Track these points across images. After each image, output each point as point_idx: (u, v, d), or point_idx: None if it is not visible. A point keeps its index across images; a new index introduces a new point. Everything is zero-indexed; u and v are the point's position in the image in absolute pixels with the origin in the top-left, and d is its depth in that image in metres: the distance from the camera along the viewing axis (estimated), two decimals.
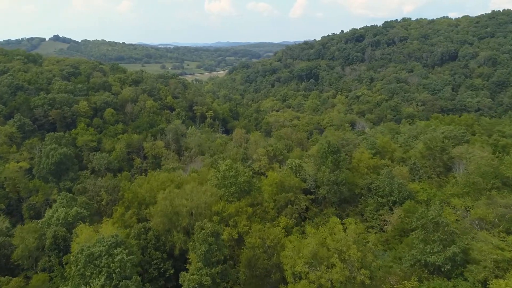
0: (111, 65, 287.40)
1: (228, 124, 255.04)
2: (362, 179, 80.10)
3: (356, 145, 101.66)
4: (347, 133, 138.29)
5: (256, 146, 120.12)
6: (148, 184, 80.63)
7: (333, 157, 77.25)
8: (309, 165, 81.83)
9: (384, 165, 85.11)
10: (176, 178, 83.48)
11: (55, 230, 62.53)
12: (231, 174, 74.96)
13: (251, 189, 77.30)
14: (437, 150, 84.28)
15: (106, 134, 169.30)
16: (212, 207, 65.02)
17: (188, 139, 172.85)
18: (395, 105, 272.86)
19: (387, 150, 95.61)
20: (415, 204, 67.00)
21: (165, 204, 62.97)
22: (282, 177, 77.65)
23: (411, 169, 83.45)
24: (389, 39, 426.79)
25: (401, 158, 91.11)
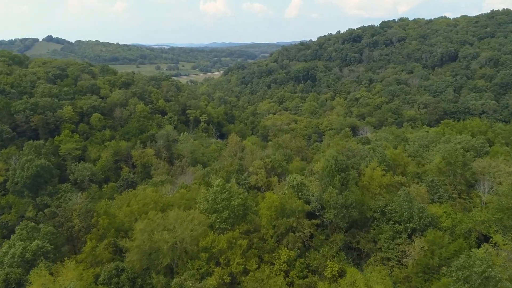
0: (101, 66, 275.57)
1: (223, 128, 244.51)
2: (374, 200, 69.82)
3: (364, 157, 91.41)
4: (350, 141, 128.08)
5: (253, 156, 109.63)
6: (128, 207, 69.84)
7: (341, 176, 66.91)
8: (313, 184, 71.51)
9: (399, 183, 74.86)
10: (161, 199, 72.71)
11: (7, 272, 51.71)
12: (223, 197, 64.50)
13: (246, 213, 66.88)
14: (458, 165, 74.28)
15: (92, 141, 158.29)
16: (200, 242, 54.45)
17: (180, 146, 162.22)
18: (396, 107, 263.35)
19: (399, 163, 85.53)
20: (440, 235, 56.79)
21: (143, 238, 52.37)
22: (282, 199, 67.28)
23: (428, 187, 73.32)
24: (387, 40, 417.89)
25: (415, 174, 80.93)
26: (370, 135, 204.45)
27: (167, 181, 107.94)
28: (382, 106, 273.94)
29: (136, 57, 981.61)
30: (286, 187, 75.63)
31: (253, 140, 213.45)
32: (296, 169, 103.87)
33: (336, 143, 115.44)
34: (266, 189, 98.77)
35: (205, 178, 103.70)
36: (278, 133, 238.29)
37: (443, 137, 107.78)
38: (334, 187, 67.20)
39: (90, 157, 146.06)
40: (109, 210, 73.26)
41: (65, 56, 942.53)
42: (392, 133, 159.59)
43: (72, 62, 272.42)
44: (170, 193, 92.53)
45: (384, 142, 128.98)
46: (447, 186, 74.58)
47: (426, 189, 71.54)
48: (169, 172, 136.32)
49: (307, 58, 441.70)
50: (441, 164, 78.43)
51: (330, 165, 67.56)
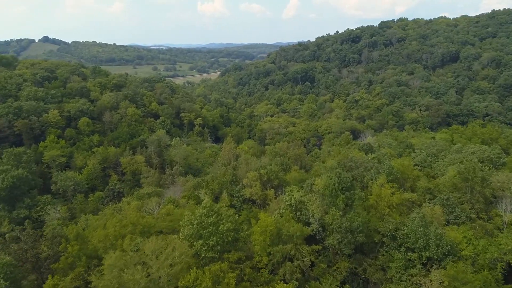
0: (93, 68, 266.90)
1: (219, 131, 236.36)
2: (382, 222, 61.61)
3: (368, 169, 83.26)
4: (352, 148, 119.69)
5: (247, 166, 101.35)
6: (104, 230, 61.39)
7: (345, 196, 58.67)
8: (314, 203, 63.26)
9: (410, 201, 66.70)
10: (141, 220, 64.25)
11: None
12: (210, 221, 56.16)
13: (237, 238, 58.56)
14: (476, 181, 66.22)
15: (79, 147, 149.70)
16: (180, 280, 46.08)
17: (172, 151, 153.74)
18: (397, 110, 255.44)
19: (408, 176, 77.43)
20: (463, 269, 48.65)
21: (112, 277, 44.02)
22: (278, 222, 58.98)
23: (443, 206, 65.17)
24: (386, 40, 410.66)
25: (426, 189, 72.79)
26: (371, 139, 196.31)
27: (154, 194, 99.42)
28: (382, 108, 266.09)
29: (133, 58, 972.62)
30: (283, 206, 67.36)
31: (250, 144, 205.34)
32: (294, 180, 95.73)
33: (337, 152, 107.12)
34: (261, 203, 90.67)
35: (195, 191, 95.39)
36: (275, 136, 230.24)
37: (454, 146, 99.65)
38: (337, 209, 58.96)
39: (76, 164, 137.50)
40: (82, 233, 64.83)
41: (61, 57, 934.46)
42: (396, 138, 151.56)
43: (63, 64, 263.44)
44: (156, 208, 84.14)
45: (388, 150, 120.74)
46: (464, 205, 66.38)
47: (441, 209, 63.25)
48: (159, 181, 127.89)
49: (305, 59, 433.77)
50: (456, 179, 70.30)
51: (333, 183, 59.30)
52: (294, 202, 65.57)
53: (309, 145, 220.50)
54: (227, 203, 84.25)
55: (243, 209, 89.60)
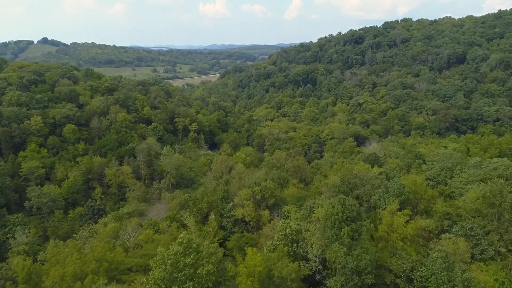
0: (85, 70, 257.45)
1: (216, 137, 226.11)
2: (395, 258, 51.12)
3: (375, 187, 72.70)
4: (356, 159, 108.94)
5: (240, 181, 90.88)
6: (62, 269, 50.95)
7: (350, 228, 48.18)
8: (314, 235, 52.71)
9: (426, 230, 56.13)
10: (108, 256, 53.83)
11: None
12: (187, 262, 45.72)
13: (220, 281, 48.06)
14: (506, 208, 55.72)
15: (62, 157, 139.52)
16: None
17: (163, 161, 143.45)
18: (403, 114, 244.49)
19: (421, 196, 66.94)
20: None
21: None
22: (270, 261, 48.53)
23: (466, 236, 54.64)
24: (390, 41, 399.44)
25: (445, 214, 62.18)
26: (376, 146, 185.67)
27: (136, 213, 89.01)
28: (387, 112, 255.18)
29: (133, 59, 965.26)
30: (276, 236, 56.85)
31: (248, 151, 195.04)
32: (292, 197, 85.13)
33: (340, 165, 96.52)
34: (255, 224, 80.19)
35: (181, 210, 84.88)
36: (275, 142, 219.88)
37: (472, 160, 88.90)
38: (341, 243, 48.45)
39: (56, 177, 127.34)
40: (38, 269, 54.46)
41: (59, 58, 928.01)
42: (403, 147, 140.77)
43: (55, 66, 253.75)
44: (134, 232, 73.79)
45: (396, 161, 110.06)
46: (490, 236, 55.78)
47: (464, 241, 52.61)
48: (145, 196, 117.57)
49: (307, 61, 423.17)
50: (479, 202, 59.79)
51: (336, 212, 48.78)
52: (290, 232, 55.07)
53: (310, 152, 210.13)
54: (214, 227, 73.81)
55: (234, 231, 79.27)
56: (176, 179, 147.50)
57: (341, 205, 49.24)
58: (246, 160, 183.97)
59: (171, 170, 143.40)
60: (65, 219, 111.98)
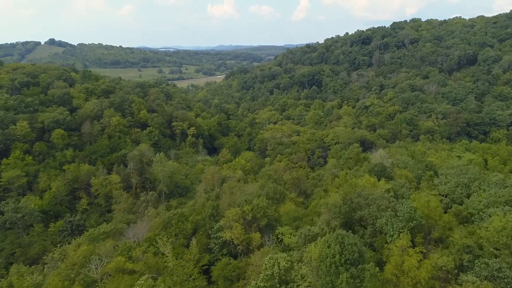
0: (83, 72, 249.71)
1: (216, 141, 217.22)
2: None
3: (382, 208, 63.21)
4: (361, 170, 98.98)
5: (231, 197, 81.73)
6: None
7: (350, 273, 38.82)
8: (306, 281, 43.34)
9: (444, 270, 46.49)
10: None
11: None
12: None
13: None
14: None
15: (48, 164, 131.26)
16: None
17: (155, 169, 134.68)
18: (411, 117, 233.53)
19: (436, 222, 57.28)
20: None
21: None
22: None
23: (492, 279, 45.03)
24: (398, 42, 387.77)
25: (465, 247, 52.50)
26: (383, 153, 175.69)
27: (113, 233, 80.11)
28: (395, 115, 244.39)
29: (139, 60, 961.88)
30: (261, 276, 47.51)
31: (248, 156, 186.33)
32: (288, 217, 75.85)
33: (343, 178, 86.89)
34: (244, 248, 71.07)
35: (163, 231, 75.92)
36: (277, 147, 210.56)
37: (494, 177, 78.78)
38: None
39: (38, 187, 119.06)
40: None
41: (65, 59, 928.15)
42: (412, 155, 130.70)
43: (53, 67, 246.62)
44: (107, 258, 64.96)
45: (405, 172, 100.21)
46: None
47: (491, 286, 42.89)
48: (133, 208, 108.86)
49: (313, 62, 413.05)
50: (506, 234, 50.02)
51: (332, 253, 39.41)
52: (278, 271, 45.74)
53: (314, 158, 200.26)
54: (195, 254, 64.61)
55: (220, 256, 70.20)
56: (170, 188, 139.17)
57: (339, 244, 40.01)
58: (246, 166, 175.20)
59: (163, 179, 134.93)
60: (46, 233, 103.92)
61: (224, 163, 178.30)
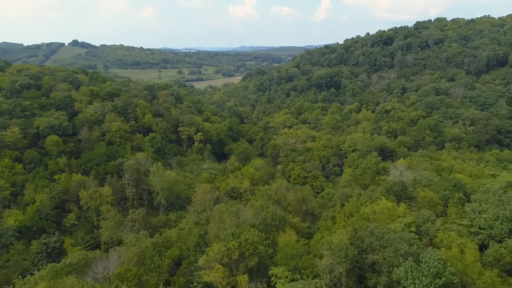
0: (91, 73, 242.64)
1: (226, 146, 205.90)
2: None
3: (400, 253, 50.05)
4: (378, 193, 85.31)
5: (220, 225, 69.70)
6: None
7: None
8: None
9: None
10: None
11: None
12: None
13: None
14: None
15: (38, 174, 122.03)
16: None
17: (153, 180, 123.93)
18: (435, 123, 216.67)
19: (474, 281, 43.83)
20: None
21: None
22: None
23: None
24: (422, 42, 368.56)
25: None
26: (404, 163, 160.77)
27: (80, 265, 69.08)
28: (417, 121, 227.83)
29: (159, 61, 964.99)
30: None
31: (258, 164, 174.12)
32: (285, 254, 63.14)
33: (354, 205, 73.69)
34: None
35: (135, 267, 64.47)
36: (290, 154, 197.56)
37: None
38: None
39: (23, 199, 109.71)
40: None
41: (87, 60, 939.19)
42: (437, 170, 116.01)
43: (61, 69, 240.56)
44: None
45: (429, 194, 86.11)
46: None
47: None
48: (120, 225, 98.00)
49: (331, 63, 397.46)
50: None
51: None
52: None
53: (329, 166, 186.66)
54: None
55: None
56: (170, 199, 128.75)
57: None
58: (255, 175, 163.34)
59: (161, 191, 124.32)
60: (28, 251, 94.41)
61: (231, 172, 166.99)
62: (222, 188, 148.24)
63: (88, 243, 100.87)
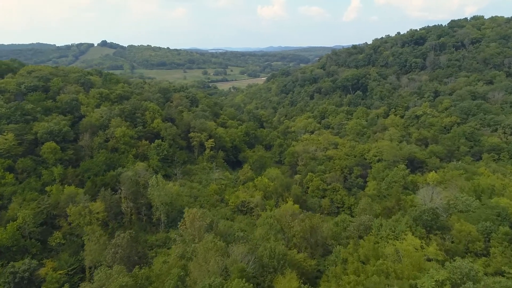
0: (105, 75, 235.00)
1: (241, 153, 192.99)
2: None
3: None
4: (403, 225, 69.91)
5: (202, 266, 56.58)
6: None
7: None
8: None
9: None
10: None
11: None
12: None
13: None
14: None
15: (28, 185, 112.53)
16: None
17: (151, 194, 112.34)
18: (472, 131, 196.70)
19: None
20: None
21: None
22: None
23: None
24: (457, 42, 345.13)
25: None
26: (435, 178, 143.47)
27: None
28: (451, 128, 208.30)
29: (184, 61, 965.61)
30: None
31: (274, 174, 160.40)
32: None
33: (371, 247, 59.07)
34: None
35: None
36: (309, 162, 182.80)
37: None
38: None
39: (6, 215, 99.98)
40: None
41: (114, 60, 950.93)
42: (475, 190, 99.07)
43: (76, 70, 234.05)
44: None
45: (467, 227, 70.34)
46: None
47: None
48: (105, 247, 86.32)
49: (358, 64, 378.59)
50: None
51: None
52: None
53: (351, 177, 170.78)
54: None
55: None
56: (172, 215, 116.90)
57: None
58: (269, 186, 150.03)
59: (161, 206, 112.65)
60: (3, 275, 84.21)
61: (243, 183, 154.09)
62: (231, 202, 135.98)
63: (72, 266, 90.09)
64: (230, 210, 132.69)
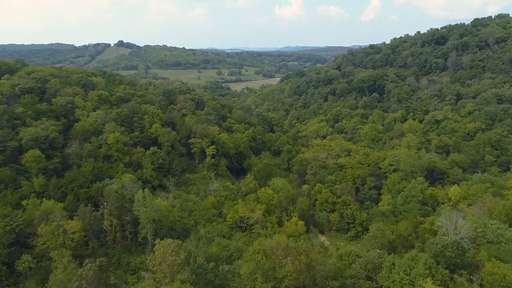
0: (108, 75, 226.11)
1: (246, 160, 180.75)
2: None
3: None
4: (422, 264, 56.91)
5: None
6: None
7: None
8: None
9: None
10: None
11: None
12: None
13: None
14: None
15: (3, 198, 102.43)
16: None
17: (138, 210, 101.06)
18: (498, 139, 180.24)
19: None
20: None
21: None
22: None
23: None
24: (481, 41, 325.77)
25: None
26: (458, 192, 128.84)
27: None
28: (475, 135, 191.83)
29: (199, 61, 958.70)
30: None
31: (279, 184, 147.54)
32: None
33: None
34: None
35: None
36: (319, 171, 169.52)
37: None
38: None
39: None
40: None
41: (130, 60, 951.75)
42: (507, 214, 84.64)
43: (78, 71, 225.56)
44: None
45: (502, 269, 56.79)
46: None
47: None
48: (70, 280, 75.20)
49: (375, 64, 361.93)
50: None
51: None
52: None
53: (364, 189, 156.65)
54: None
55: None
56: (161, 233, 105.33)
57: None
58: (273, 199, 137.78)
59: (147, 224, 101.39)
60: None
61: (244, 195, 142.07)
62: (229, 217, 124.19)
63: None
64: (228, 226, 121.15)
